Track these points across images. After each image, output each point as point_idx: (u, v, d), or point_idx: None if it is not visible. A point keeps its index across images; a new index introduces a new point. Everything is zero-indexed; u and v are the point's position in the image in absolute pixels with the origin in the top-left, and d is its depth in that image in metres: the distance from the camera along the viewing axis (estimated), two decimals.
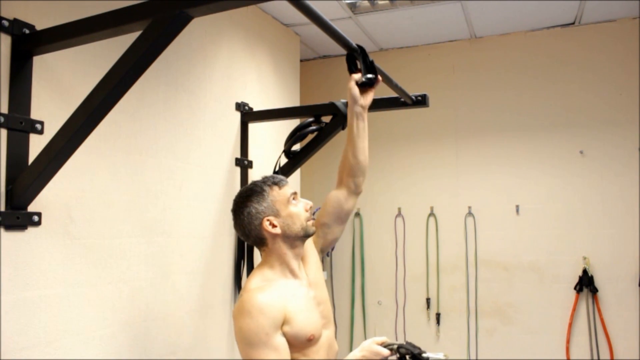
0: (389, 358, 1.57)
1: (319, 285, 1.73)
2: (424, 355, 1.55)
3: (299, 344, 1.53)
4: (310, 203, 1.69)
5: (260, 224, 1.60)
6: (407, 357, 1.55)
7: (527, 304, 3.30)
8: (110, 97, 1.30)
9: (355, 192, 1.86)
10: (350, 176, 1.82)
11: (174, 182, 2.14)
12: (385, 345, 1.57)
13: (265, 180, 1.66)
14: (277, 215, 1.60)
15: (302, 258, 1.71)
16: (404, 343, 1.58)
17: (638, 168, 3.13)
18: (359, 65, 1.74)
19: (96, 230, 1.74)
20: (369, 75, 1.73)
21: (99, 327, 1.73)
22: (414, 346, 1.57)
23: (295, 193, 1.67)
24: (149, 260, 1.97)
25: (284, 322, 1.50)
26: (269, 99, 2.93)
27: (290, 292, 1.57)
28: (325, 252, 1.87)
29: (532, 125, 3.38)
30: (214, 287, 2.35)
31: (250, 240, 1.66)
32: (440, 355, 1.57)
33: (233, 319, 1.53)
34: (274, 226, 1.59)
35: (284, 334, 1.50)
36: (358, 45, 1.67)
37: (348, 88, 1.76)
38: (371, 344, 1.57)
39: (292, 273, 1.63)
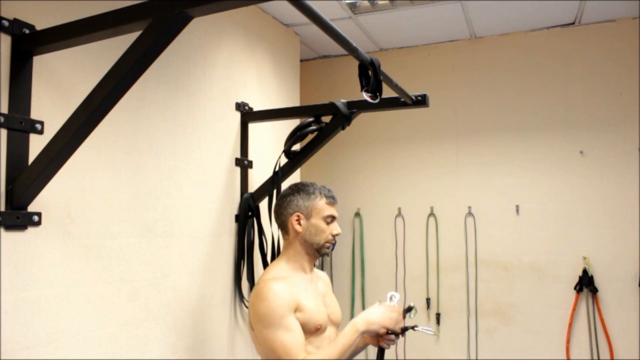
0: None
1: (333, 306, 1.89)
2: (416, 328, 1.78)
3: (308, 331, 1.68)
4: (339, 231, 1.84)
5: (291, 214, 1.80)
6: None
7: (527, 304, 3.30)
8: (111, 97, 1.30)
9: None
10: None
11: (174, 182, 2.14)
12: None
13: (321, 188, 1.85)
14: (307, 218, 1.79)
15: (326, 289, 1.90)
16: None
17: (638, 168, 3.13)
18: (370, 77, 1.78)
19: (96, 230, 1.74)
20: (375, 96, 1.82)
21: (99, 327, 1.73)
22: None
23: (333, 216, 1.82)
24: (149, 260, 1.97)
25: (296, 309, 1.67)
26: (269, 99, 2.93)
27: (302, 286, 1.75)
28: None
29: (532, 125, 3.38)
30: (214, 287, 2.35)
31: (277, 222, 1.86)
32: (430, 331, 1.79)
33: (250, 306, 1.70)
34: (299, 223, 1.79)
35: (293, 325, 1.66)
36: (372, 59, 1.70)
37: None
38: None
39: (304, 270, 1.82)
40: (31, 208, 1.51)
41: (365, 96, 1.78)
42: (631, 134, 3.16)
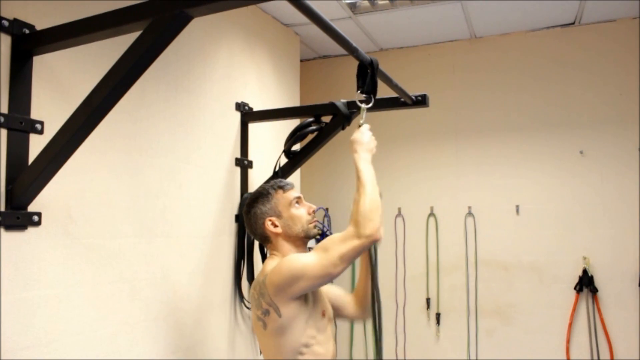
0: None
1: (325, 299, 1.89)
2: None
3: (316, 315, 1.69)
4: (313, 207, 1.83)
5: (263, 223, 1.77)
6: None
7: (527, 304, 3.30)
8: (110, 97, 1.30)
9: (362, 317, 2.08)
10: (360, 303, 2.07)
11: (174, 182, 2.13)
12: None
13: (272, 184, 1.83)
14: (279, 216, 1.77)
15: None
16: None
17: (638, 168, 3.13)
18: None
19: (96, 230, 1.74)
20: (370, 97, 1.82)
21: (99, 327, 1.73)
22: None
23: (299, 197, 1.81)
24: (149, 260, 1.97)
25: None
26: (269, 99, 2.93)
27: None
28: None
29: (532, 125, 3.38)
30: (214, 287, 2.35)
31: (257, 238, 1.84)
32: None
33: (269, 283, 1.60)
34: (275, 226, 1.76)
35: (306, 298, 1.65)
36: (371, 59, 1.70)
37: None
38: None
39: None
40: (31, 208, 1.51)
41: (359, 97, 1.78)
42: (631, 134, 3.16)
